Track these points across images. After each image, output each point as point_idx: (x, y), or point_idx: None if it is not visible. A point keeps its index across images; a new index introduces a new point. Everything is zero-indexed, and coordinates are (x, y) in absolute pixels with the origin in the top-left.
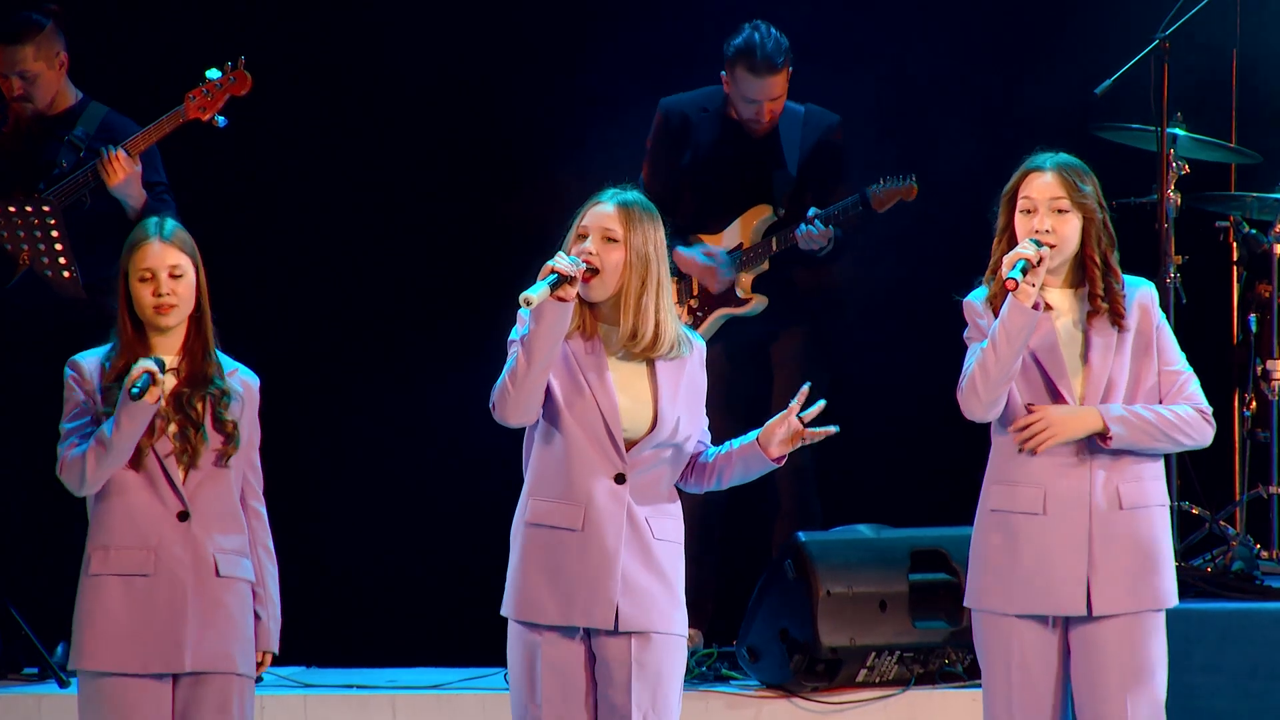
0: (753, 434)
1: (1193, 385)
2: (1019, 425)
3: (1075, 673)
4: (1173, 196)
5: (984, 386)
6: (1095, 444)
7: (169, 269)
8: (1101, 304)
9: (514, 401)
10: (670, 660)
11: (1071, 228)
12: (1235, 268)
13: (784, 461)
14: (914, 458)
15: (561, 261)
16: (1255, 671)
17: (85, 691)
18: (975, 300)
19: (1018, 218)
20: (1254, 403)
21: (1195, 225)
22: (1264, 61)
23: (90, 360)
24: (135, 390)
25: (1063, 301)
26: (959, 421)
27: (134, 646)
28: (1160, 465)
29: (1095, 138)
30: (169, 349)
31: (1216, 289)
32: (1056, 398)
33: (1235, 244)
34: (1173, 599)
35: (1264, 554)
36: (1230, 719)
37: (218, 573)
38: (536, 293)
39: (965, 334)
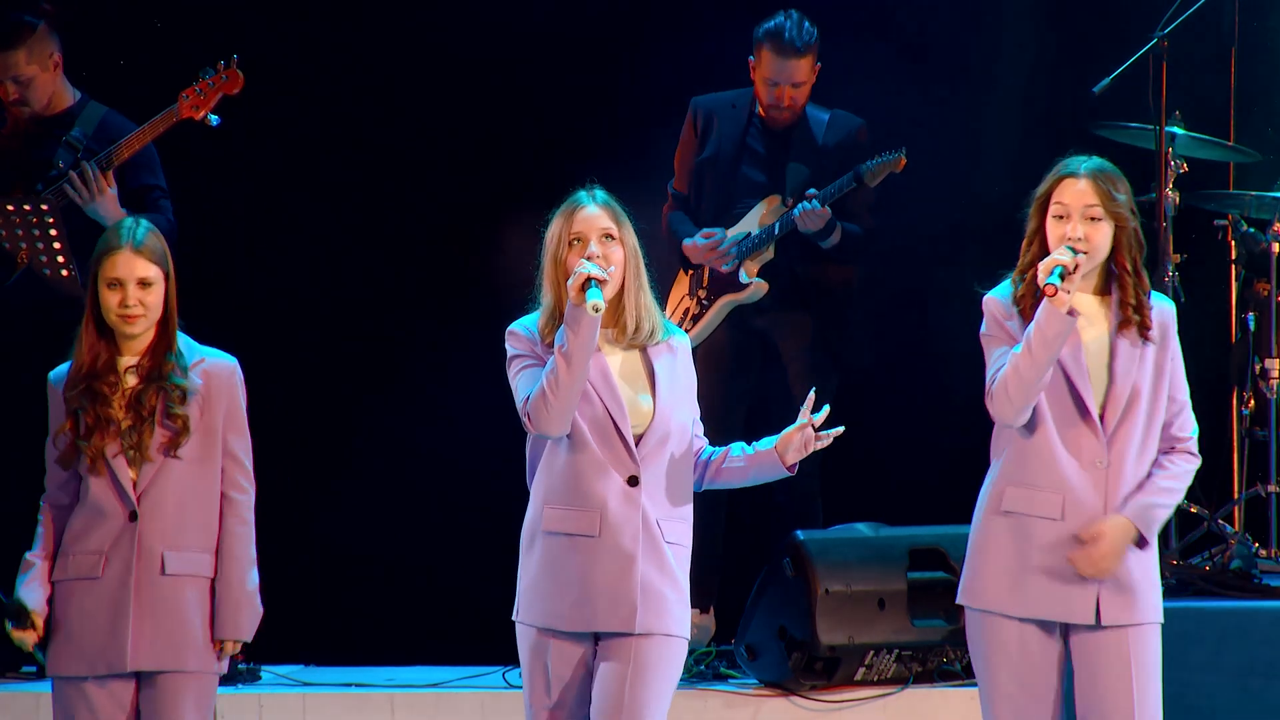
0: (767, 441)
1: (1188, 413)
2: (1080, 556)
3: (1080, 682)
4: (1171, 195)
5: (1017, 392)
6: (1110, 452)
7: (137, 280)
8: (1132, 314)
9: (555, 411)
10: (674, 661)
11: (1104, 235)
12: (1233, 266)
13: (796, 470)
14: (913, 456)
15: (594, 268)
16: (1253, 670)
17: (54, 693)
18: (1000, 298)
19: (1049, 223)
20: (1252, 401)
21: (1194, 224)
22: (1262, 60)
23: (60, 376)
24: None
25: (1090, 308)
26: (958, 420)
27: (81, 650)
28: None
29: (1094, 136)
30: (134, 350)
31: (1215, 287)
32: (1079, 404)
33: (1234, 242)
34: (1161, 613)
35: (1262, 552)
36: (1228, 717)
37: (164, 571)
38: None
39: (983, 331)
